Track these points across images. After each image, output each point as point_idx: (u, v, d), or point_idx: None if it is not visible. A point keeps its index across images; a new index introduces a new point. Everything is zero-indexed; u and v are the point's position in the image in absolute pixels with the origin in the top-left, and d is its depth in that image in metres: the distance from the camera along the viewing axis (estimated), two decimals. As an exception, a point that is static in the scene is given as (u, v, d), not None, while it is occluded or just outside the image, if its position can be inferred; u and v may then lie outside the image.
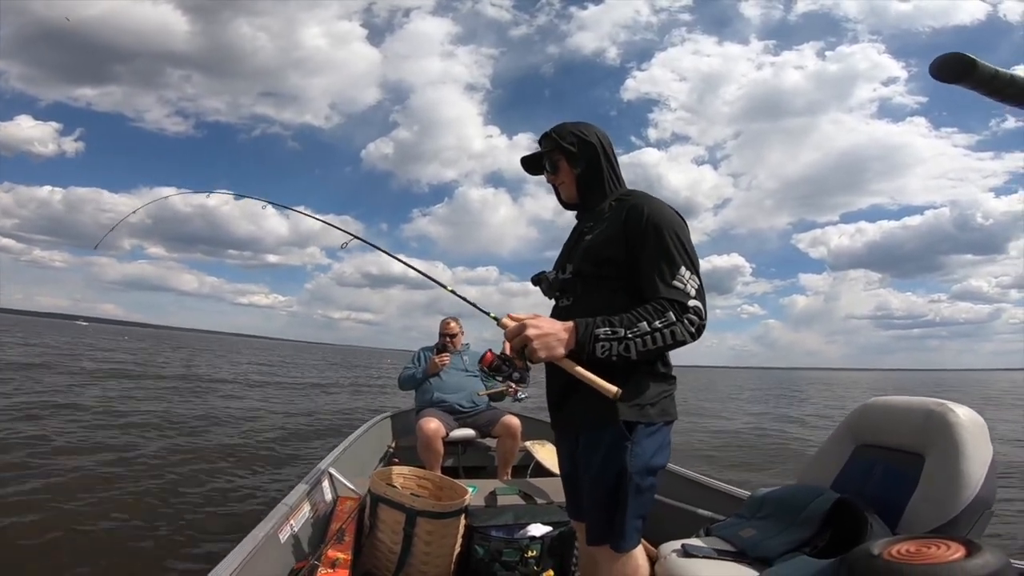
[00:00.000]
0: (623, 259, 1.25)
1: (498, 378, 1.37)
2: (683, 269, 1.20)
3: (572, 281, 1.34)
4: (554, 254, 1.50)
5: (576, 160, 1.38)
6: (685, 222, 1.29)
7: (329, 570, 1.71)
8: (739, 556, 1.51)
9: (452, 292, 1.56)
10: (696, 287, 1.20)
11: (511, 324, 1.20)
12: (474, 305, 1.45)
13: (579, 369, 1.17)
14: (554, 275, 1.40)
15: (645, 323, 1.14)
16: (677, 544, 1.57)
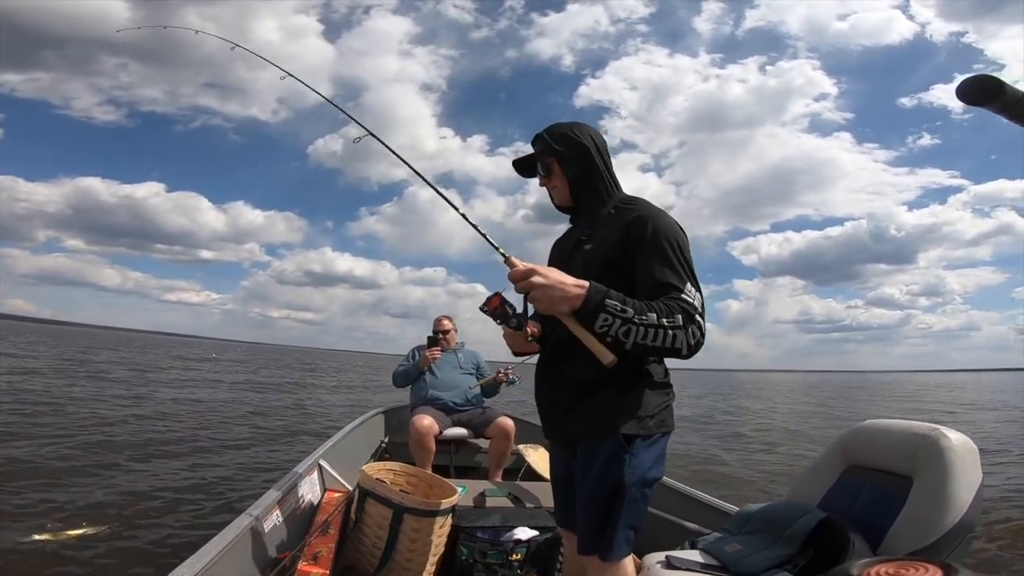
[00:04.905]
0: (625, 271, 1.22)
1: (497, 321, 1.30)
2: (688, 285, 1.16)
3: None
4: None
5: (569, 163, 1.33)
6: (686, 235, 1.25)
7: (311, 563, 1.71)
8: (722, 571, 1.50)
9: (464, 216, 1.39)
10: (701, 303, 1.16)
11: (521, 266, 1.13)
12: (484, 235, 1.32)
13: (579, 328, 1.13)
14: None
15: (654, 315, 1.09)
16: (661, 555, 1.57)
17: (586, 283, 1.11)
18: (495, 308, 1.28)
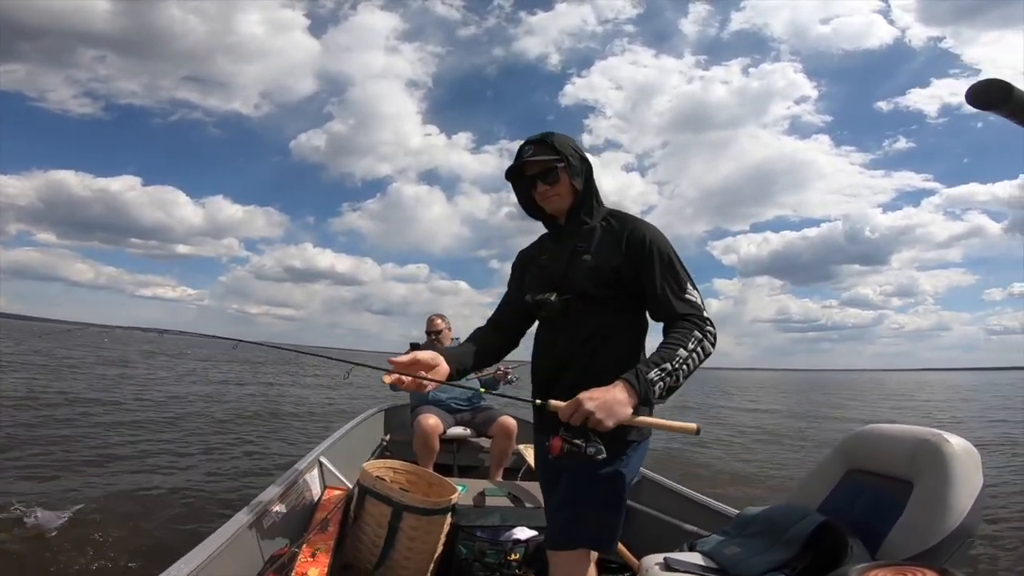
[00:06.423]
0: (628, 279, 1.30)
1: (577, 456, 1.17)
2: (688, 285, 1.28)
3: (572, 301, 1.33)
4: (487, 253, 1.48)
5: (576, 174, 1.35)
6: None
7: (309, 559, 1.71)
8: (720, 573, 1.49)
9: (483, 391, 2.00)
10: (701, 299, 1.28)
11: (564, 405, 1.14)
12: (515, 397, 1.50)
13: (651, 420, 1.18)
14: (555, 296, 1.35)
15: (682, 349, 1.18)
16: (660, 557, 1.56)
17: (620, 383, 1.13)
18: (560, 454, 1.15)
